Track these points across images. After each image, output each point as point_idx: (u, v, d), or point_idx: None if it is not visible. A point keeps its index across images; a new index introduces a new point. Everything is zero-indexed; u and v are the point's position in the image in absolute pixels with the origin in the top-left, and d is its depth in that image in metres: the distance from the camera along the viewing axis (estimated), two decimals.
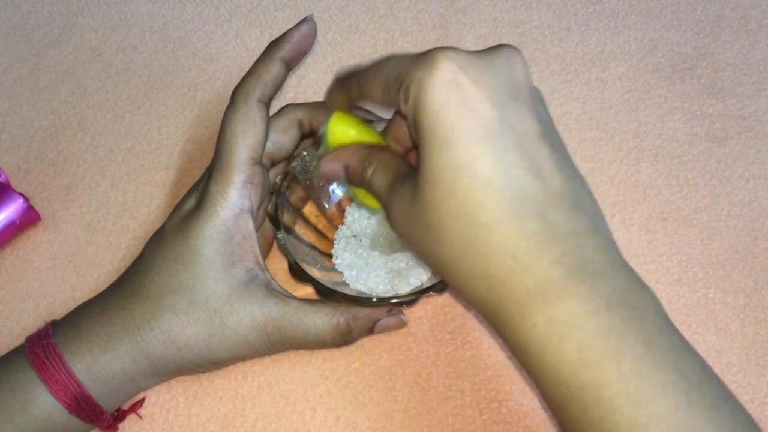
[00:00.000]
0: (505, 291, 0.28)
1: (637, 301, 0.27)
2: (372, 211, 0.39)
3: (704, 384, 0.26)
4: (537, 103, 0.30)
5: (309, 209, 0.41)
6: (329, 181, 0.40)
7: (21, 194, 0.41)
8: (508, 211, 0.28)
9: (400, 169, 0.32)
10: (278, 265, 0.40)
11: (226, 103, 0.35)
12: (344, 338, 0.36)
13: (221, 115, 0.35)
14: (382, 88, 0.31)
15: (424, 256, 0.31)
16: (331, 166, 0.34)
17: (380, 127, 0.36)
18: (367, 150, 0.34)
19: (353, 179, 0.34)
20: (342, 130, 0.35)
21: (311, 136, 0.39)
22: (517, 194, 0.28)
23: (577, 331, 0.26)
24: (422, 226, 0.30)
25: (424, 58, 0.29)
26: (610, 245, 0.29)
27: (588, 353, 0.26)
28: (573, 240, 0.27)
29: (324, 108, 0.38)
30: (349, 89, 0.34)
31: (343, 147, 0.34)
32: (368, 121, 0.37)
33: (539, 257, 0.27)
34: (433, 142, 0.29)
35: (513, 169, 0.28)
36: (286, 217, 0.38)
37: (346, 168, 0.34)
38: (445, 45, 0.29)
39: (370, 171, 0.33)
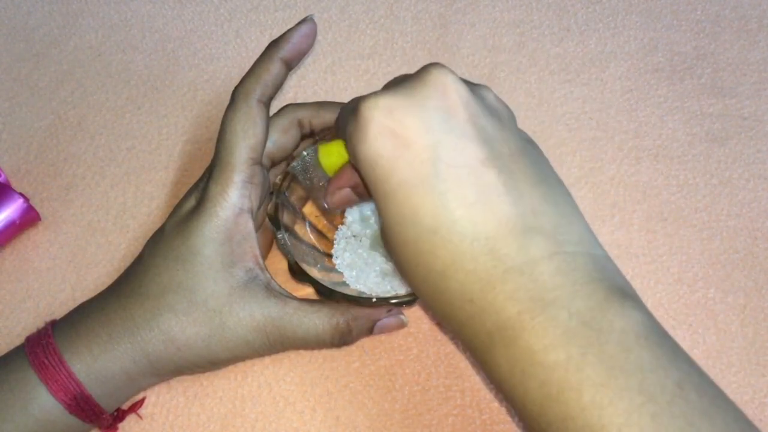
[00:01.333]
0: (470, 334, 0.28)
1: (599, 322, 0.26)
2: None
3: (677, 402, 0.24)
4: (482, 116, 0.29)
5: (309, 209, 0.41)
6: (342, 208, 0.38)
7: (21, 194, 0.41)
8: (459, 256, 0.27)
9: None
10: (278, 265, 0.40)
11: (226, 103, 0.35)
12: (344, 338, 0.36)
13: (221, 115, 0.35)
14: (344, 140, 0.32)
15: None
16: (339, 196, 0.34)
17: None
18: None
19: (365, 195, 0.34)
20: (335, 156, 0.34)
21: (311, 136, 0.39)
22: (464, 236, 0.27)
23: (536, 368, 0.26)
24: (398, 269, 0.31)
25: (352, 112, 0.29)
26: (573, 261, 0.27)
27: (549, 388, 0.25)
28: (527, 270, 0.27)
29: (323, 107, 0.38)
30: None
31: (341, 172, 0.34)
32: None
33: (492, 298, 0.27)
34: (377, 197, 0.29)
35: (456, 210, 0.27)
36: (286, 217, 0.38)
37: (354, 187, 0.34)
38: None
39: None
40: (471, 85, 0.30)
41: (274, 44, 0.35)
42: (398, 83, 0.30)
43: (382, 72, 0.48)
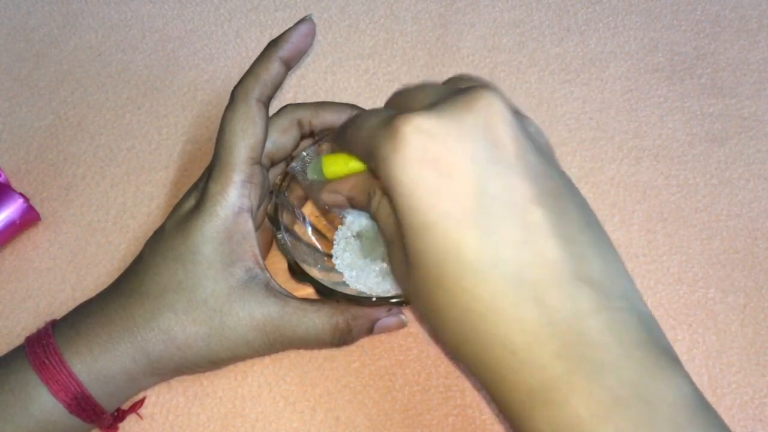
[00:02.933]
0: (507, 387, 0.26)
1: (650, 394, 0.24)
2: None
3: None
4: (529, 150, 0.27)
5: (309, 209, 0.41)
6: (332, 208, 0.37)
7: (21, 194, 0.41)
8: (502, 299, 0.25)
9: None
10: (278, 265, 0.40)
11: (226, 103, 0.35)
12: (344, 338, 0.36)
13: (221, 115, 0.35)
14: (361, 155, 0.30)
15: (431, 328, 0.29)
16: (334, 198, 0.33)
17: None
18: (371, 179, 0.31)
19: (360, 208, 0.33)
20: (340, 166, 0.33)
21: (311, 136, 0.39)
22: (509, 277, 0.25)
23: None
24: (421, 306, 0.28)
25: (389, 131, 0.26)
26: (622, 319, 0.25)
27: None
28: (575, 325, 0.25)
29: (323, 107, 0.38)
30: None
31: (344, 178, 0.33)
32: None
33: (538, 352, 0.25)
34: (412, 227, 0.26)
35: (502, 249, 0.25)
36: (286, 217, 0.38)
37: (350, 198, 0.33)
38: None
39: (375, 202, 0.31)
40: (518, 115, 0.28)
41: (273, 44, 0.35)
42: (439, 101, 0.28)
43: (382, 72, 0.48)
